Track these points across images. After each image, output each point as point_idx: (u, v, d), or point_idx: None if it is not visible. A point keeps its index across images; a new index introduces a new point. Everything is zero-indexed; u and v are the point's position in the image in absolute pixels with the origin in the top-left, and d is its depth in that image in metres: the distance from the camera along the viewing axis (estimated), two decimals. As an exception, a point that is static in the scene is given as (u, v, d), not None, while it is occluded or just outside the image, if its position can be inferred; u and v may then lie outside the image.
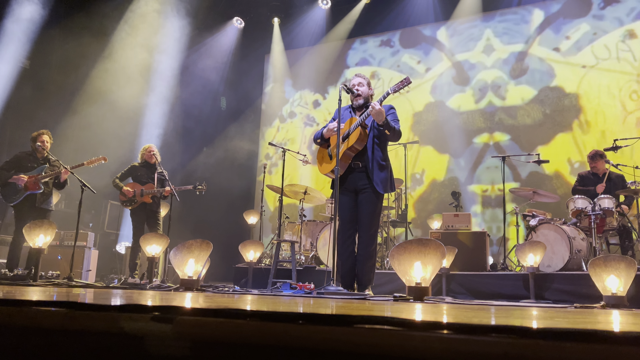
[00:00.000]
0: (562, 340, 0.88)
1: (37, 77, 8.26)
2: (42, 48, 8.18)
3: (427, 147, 9.11)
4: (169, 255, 4.38)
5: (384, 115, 3.89)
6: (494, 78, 8.78)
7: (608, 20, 8.09)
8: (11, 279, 4.88)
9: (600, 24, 8.14)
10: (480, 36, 9.01)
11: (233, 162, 9.81)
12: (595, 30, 8.14)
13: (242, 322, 1.09)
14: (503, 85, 8.67)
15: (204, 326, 1.11)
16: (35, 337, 1.26)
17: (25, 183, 5.60)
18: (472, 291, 5.12)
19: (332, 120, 4.28)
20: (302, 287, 4.22)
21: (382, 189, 4.02)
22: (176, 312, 1.17)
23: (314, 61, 10.55)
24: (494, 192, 8.34)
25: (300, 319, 1.06)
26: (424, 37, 9.56)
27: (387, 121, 3.93)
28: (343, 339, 1.00)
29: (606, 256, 3.76)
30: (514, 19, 8.84)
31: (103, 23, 8.49)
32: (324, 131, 4.19)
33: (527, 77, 8.52)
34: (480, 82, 8.87)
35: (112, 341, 1.19)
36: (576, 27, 8.28)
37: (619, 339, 0.88)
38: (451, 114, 8.99)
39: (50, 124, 7.00)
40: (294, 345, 1.04)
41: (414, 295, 3.29)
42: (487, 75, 8.84)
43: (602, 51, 8.03)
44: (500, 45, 8.83)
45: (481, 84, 8.85)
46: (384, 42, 9.93)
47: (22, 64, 8.11)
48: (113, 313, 1.22)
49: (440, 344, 0.93)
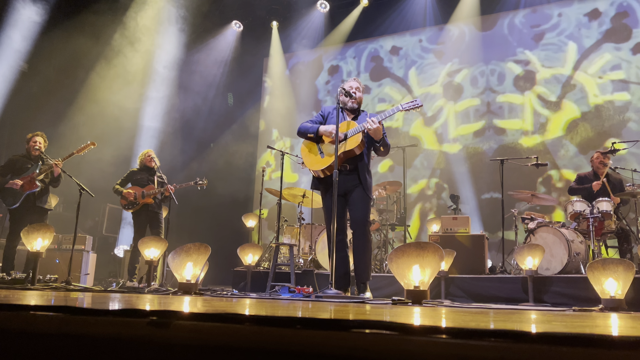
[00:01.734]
0: (560, 345, 0.88)
1: (35, 80, 8.25)
2: (40, 51, 8.18)
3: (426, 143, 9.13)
4: (168, 259, 4.37)
5: (381, 133, 3.95)
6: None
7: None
8: (9, 283, 4.87)
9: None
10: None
11: (232, 166, 9.81)
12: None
13: (239, 326, 1.09)
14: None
15: (202, 331, 1.11)
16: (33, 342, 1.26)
17: (21, 185, 5.60)
18: (470, 294, 5.12)
19: (318, 116, 4.30)
20: (301, 290, 4.22)
21: (371, 193, 4.10)
22: (173, 316, 1.16)
23: (313, 64, 10.57)
24: (493, 195, 8.34)
25: (297, 324, 1.06)
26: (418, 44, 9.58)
27: (383, 138, 4.01)
28: (340, 344, 1.00)
29: (604, 259, 3.77)
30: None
31: (102, 27, 8.49)
32: (320, 129, 4.14)
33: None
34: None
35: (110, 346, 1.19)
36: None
37: (617, 343, 0.88)
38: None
39: (48, 127, 7.00)
40: (292, 350, 1.04)
41: (412, 299, 3.29)
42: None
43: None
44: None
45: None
46: (384, 46, 9.94)
47: (21, 67, 8.11)
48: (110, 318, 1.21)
49: (438, 349, 0.93)
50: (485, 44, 9.01)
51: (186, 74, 9.92)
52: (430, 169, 9.05)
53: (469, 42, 9.14)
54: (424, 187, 9.03)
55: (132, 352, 1.16)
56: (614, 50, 8.05)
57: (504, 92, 8.73)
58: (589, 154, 7.12)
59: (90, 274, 7.17)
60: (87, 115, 8.24)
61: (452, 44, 9.28)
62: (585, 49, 8.27)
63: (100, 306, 1.64)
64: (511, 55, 8.77)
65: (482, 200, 8.44)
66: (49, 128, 7.08)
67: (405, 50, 9.69)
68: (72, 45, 8.22)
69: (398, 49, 9.77)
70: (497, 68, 8.85)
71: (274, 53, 10.86)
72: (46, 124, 7.41)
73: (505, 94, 8.71)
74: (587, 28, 8.31)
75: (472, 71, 9.02)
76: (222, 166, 9.67)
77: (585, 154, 7.81)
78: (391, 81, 9.66)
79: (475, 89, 8.95)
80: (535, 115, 8.44)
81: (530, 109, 8.50)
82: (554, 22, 8.57)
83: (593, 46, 8.23)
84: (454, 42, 9.26)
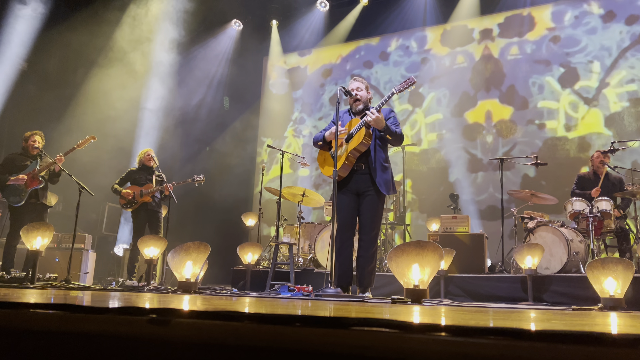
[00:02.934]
0: (559, 343, 0.88)
1: (35, 78, 8.25)
2: (40, 50, 8.17)
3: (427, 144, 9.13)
4: (167, 258, 4.37)
5: (383, 122, 3.89)
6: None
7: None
8: (8, 282, 4.87)
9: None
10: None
11: (231, 165, 9.81)
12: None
13: (239, 324, 1.09)
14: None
15: (201, 329, 1.11)
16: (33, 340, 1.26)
17: (25, 181, 5.60)
18: (470, 293, 5.12)
19: (331, 123, 4.27)
20: (300, 289, 4.22)
21: (385, 190, 4.00)
22: (173, 314, 1.17)
23: (312, 63, 10.57)
24: (492, 194, 8.34)
25: (297, 322, 1.06)
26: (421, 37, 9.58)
27: (387, 126, 3.93)
28: (340, 342, 1.00)
29: (604, 258, 3.77)
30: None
31: (102, 25, 8.49)
32: (325, 134, 4.16)
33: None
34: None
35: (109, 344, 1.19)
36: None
37: (616, 342, 0.88)
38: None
39: (47, 125, 7.00)
40: (291, 348, 1.04)
41: (411, 298, 3.29)
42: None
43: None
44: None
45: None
46: (385, 45, 9.94)
47: (21, 65, 8.11)
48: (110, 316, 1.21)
49: (437, 346, 0.93)
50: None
51: (186, 72, 9.91)
52: (430, 168, 9.05)
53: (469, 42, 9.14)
54: (424, 186, 9.03)
55: (132, 349, 1.17)
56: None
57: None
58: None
59: (89, 272, 7.18)
60: (86, 113, 8.24)
61: (454, 42, 9.27)
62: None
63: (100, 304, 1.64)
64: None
65: (482, 199, 8.45)
66: (49, 126, 7.09)
67: (407, 49, 9.68)
68: (71, 43, 8.23)
69: (399, 47, 9.76)
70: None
71: (273, 52, 10.86)
72: (45, 123, 7.41)
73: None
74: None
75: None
76: (221, 165, 9.67)
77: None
78: (393, 79, 9.66)
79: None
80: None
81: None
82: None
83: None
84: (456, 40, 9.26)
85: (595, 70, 8.10)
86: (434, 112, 9.21)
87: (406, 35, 9.72)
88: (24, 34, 7.86)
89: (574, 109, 8.17)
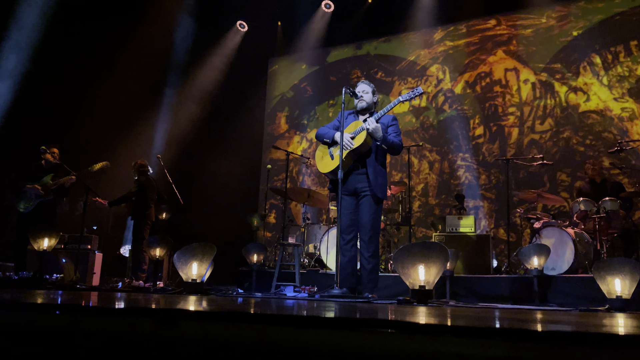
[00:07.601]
0: (566, 343, 0.88)
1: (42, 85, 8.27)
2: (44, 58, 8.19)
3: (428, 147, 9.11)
4: (173, 259, 4.39)
5: (380, 133, 3.91)
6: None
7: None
8: (16, 283, 4.90)
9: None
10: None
11: (237, 166, 9.83)
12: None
13: (245, 325, 1.09)
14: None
15: (207, 329, 1.12)
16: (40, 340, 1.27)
17: (38, 192, 5.73)
18: (476, 294, 5.10)
19: (335, 121, 4.29)
20: (306, 290, 4.23)
21: (382, 194, 4.02)
22: (179, 315, 1.17)
23: (317, 63, 10.58)
24: (498, 195, 8.31)
25: (303, 323, 1.07)
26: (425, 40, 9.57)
27: (384, 137, 3.95)
28: (346, 342, 1.00)
29: (611, 259, 3.75)
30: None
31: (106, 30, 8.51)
32: (335, 136, 4.14)
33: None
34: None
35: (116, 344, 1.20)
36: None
37: (624, 343, 0.88)
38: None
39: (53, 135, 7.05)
40: (297, 348, 1.04)
41: (417, 299, 3.29)
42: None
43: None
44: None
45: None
46: (389, 45, 9.93)
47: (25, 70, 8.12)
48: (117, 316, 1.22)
49: (444, 347, 0.93)
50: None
51: (190, 75, 9.95)
52: (436, 168, 9.03)
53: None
54: (429, 186, 9.01)
55: (138, 350, 1.17)
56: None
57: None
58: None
59: (96, 273, 7.20)
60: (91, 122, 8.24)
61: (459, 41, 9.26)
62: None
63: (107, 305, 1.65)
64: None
65: (488, 199, 8.42)
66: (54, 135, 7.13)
67: (412, 49, 9.67)
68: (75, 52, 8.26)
69: (404, 47, 9.76)
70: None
71: (278, 53, 10.87)
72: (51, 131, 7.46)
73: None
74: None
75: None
76: (227, 166, 9.69)
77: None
78: (399, 79, 9.64)
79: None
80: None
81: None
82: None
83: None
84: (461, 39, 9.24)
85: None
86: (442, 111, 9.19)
87: (412, 35, 9.69)
88: (27, 44, 7.90)
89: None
